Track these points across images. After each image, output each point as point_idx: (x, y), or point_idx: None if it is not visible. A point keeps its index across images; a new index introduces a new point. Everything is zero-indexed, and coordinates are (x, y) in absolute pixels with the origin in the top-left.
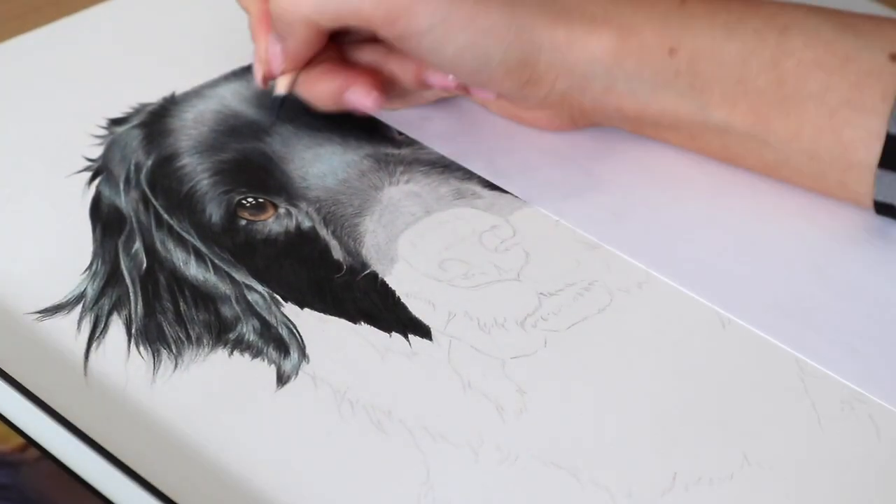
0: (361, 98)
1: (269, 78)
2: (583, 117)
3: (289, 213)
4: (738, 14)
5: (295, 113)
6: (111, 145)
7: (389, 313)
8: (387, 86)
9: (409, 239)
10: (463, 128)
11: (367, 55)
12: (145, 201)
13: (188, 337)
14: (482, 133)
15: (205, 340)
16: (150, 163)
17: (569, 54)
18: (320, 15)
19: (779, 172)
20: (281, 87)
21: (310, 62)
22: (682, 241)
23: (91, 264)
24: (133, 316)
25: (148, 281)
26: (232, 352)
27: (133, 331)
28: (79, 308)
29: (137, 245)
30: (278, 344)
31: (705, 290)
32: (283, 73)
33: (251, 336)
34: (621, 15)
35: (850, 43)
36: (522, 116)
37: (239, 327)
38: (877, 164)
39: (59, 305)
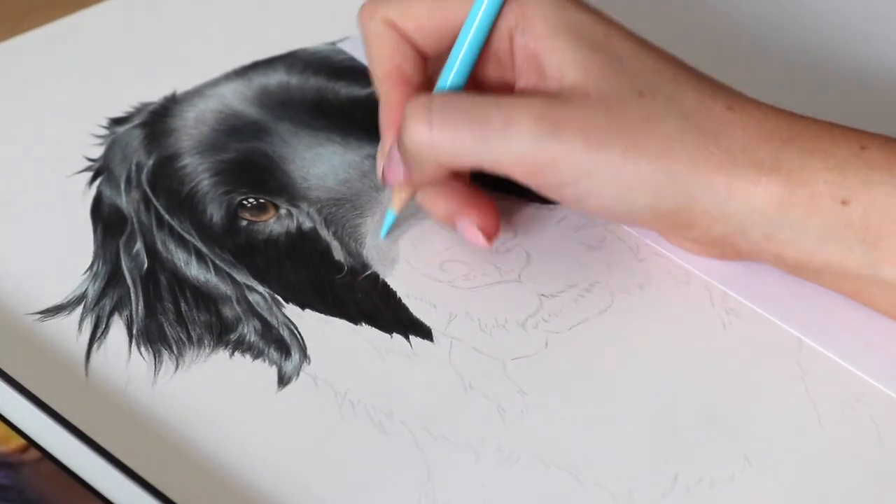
0: (472, 234)
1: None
2: (737, 255)
3: (290, 214)
4: None
5: (295, 112)
6: (112, 145)
7: (390, 314)
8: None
9: (411, 240)
10: None
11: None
12: (146, 201)
13: (189, 338)
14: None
15: (206, 341)
16: (151, 163)
17: (728, 202)
18: (457, 161)
19: None
20: (396, 205)
21: None
22: None
23: (92, 265)
24: (134, 316)
25: (149, 281)
26: (233, 353)
27: (134, 331)
28: (80, 309)
29: (138, 245)
30: (279, 345)
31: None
32: (399, 192)
33: (252, 337)
34: (793, 161)
35: None
36: (674, 241)
37: (240, 328)
38: None
39: (59, 306)
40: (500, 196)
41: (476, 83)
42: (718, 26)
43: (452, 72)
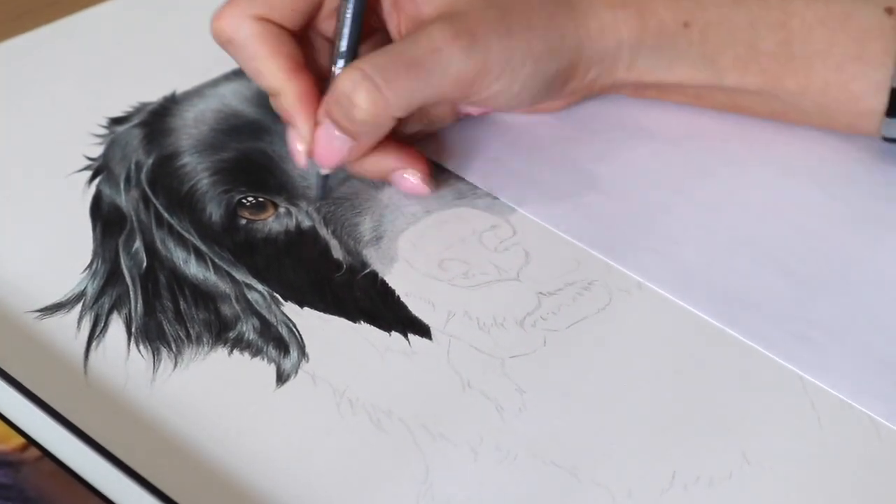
0: (414, 185)
1: (315, 160)
2: (585, 94)
3: (289, 213)
4: None
5: None
6: (112, 144)
7: (389, 312)
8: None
9: (409, 238)
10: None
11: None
12: (145, 200)
13: (188, 336)
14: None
15: (205, 339)
16: (150, 162)
17: (600, 43)
18: (407, 108)
19: (787, 117)
20: (326, 167)
21: None
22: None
23: (91, 263)
24: (133, 315)
25: (148, 280)
26: (232, 351)
27: (133, 329)
28: (79, 307)
29: (137, 244)
30: (278, 343)
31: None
32: (345, 163)
33: (251, 335)
34: None
35: (849, 0)
36: (521, 110)
37: (239, 326)
38: (884, 112)
39: (59, 304)
40: (498, 196)
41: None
42: None
43: (345, 38)
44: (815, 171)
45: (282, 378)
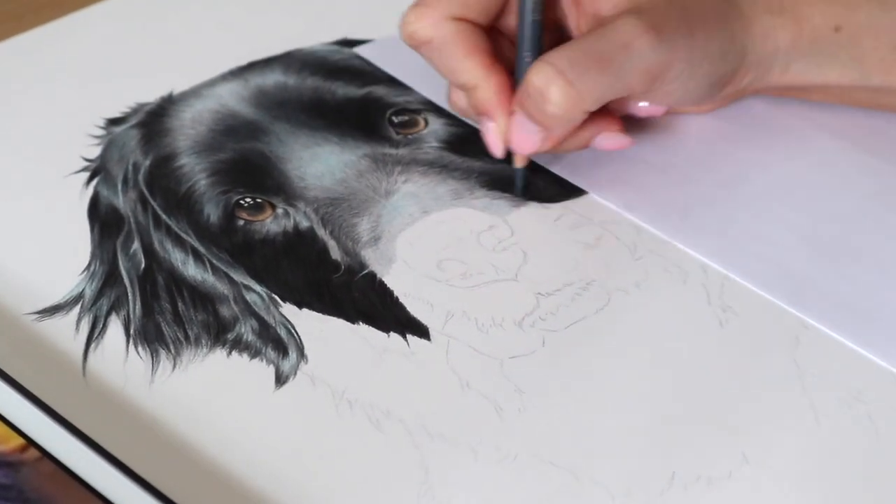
0: (616, 141)
1: (511, 150)
2: (740, 97)
3: (287, 214)
4: None
5: (292, 112)
6: (109, 145)
7: (387, 313)
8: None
9: (407, 239)
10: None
11: None
12: (143, 201)
13: (186, 337)
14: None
15: (203, 341)
16: (148, 163)
17: (762, 48)
18: (597, 105)
19: None
20: (521, 161)
21: None
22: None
23: (89, 265)
24: (131, 316)
25: (146, 281)
26: (230, 352)
27: (131, 331)
28: (77, 308)
29: (136, 245)
30: (276, 344)
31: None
32: (538, 152)
33: (249, 336)
34: (794, 3)
35: None
36: (672, 110)
37: (237, 327)
38: None
39: (57, 306)
40: (497, 195)
41: None
42: None
43: (527, 32)
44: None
45: (280, 379)
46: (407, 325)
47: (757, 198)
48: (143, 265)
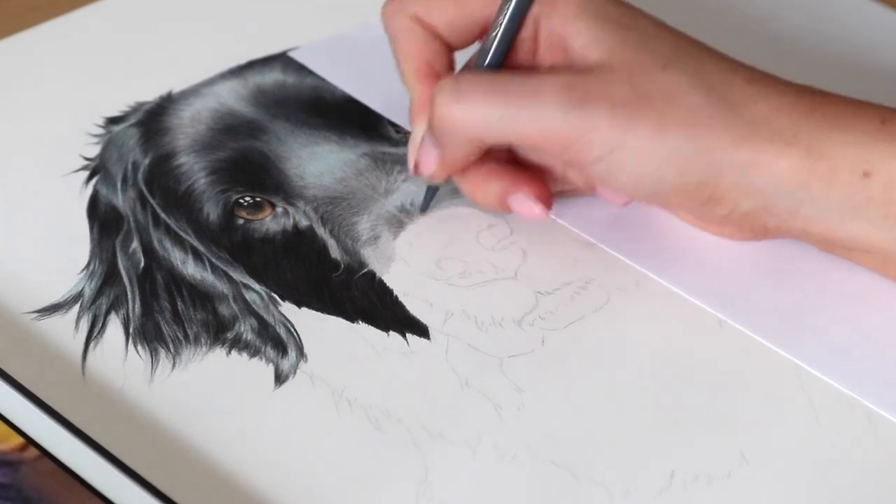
0: (527, 207)
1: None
2: (766, 233)
3: (286, 212)
4: None
5: (291, 111)
6: (108, 144)
7: (387, 312)
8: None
9: (407, 238)
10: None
11: (537, 156)
12: (143, 200)
13: (186, 336)
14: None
15: (202, 339)
16: (147, 161)
17: (753, 176)
18: (486, 135)
19: None
20: (433, 181)
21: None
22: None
23: (88, 263)
24: (131, 315)
25: (145, 280)
26: (230, 351)
27: (131, 330)
28: (76, 307)
29: (135, 244)
30: (276, 343)
31: (698, 292)
32: (435, 178)
33: (249, 335)
34: (812, 133)
35: None
36: (702, 226)
37: (237, 326)
38: None
39: (56, 305)
40: None
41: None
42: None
43: (487, 60)
44: None
45: (280, 378)
46: (406, 323)
47: None
48: (142, 264)
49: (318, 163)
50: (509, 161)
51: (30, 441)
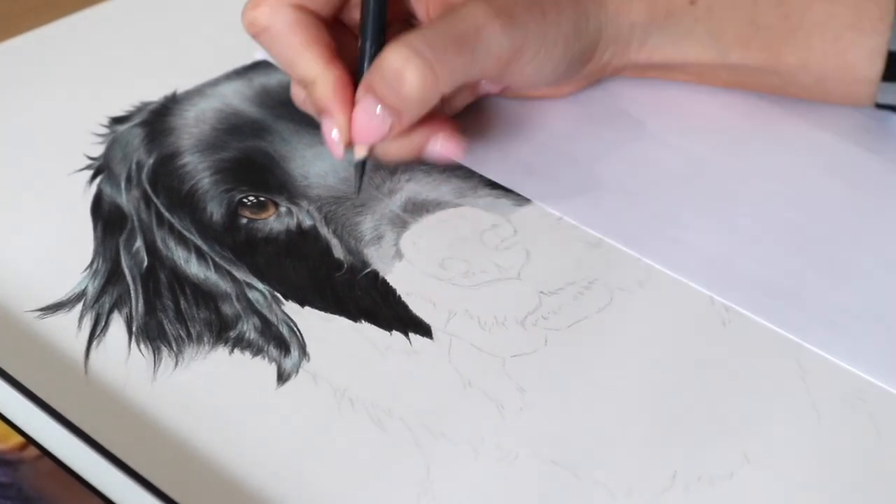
0: (447, 148)
1: (350, 146)
2: (599, 77)
3: (290, 212)
4: None
5: (296, 111)
6: (112, 144)
7: (390, 311)
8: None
9: (410, 237)
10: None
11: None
12: (146, 200)
13: (189, 335)
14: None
15: (205, 338)
16: (151, 161)
17: (616, 24)
18: (453, 87)
19: (786, 91)
20: (361, 151)
21: None
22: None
23: (92, 262)
24: (134, 314)
25: (149, 279)
26: (232, 350)
27: (134, 329)
28: (79, 306)
29: (138, 243)
30: (279, 342)
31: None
32: (388, 142)
33: (252, 334)
34: None
35: None
36: (534, 94)
37: (239, 325)
38: (880, 78)
39: (59, 303)
40: (500, 194)
41: None
42: None
43: (370, 19)
44: (819, 149)
45: (282, 377)
46: (409, 323)
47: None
48: (145, 263)
49: (322, 163)
50: None
51: (30, 440)
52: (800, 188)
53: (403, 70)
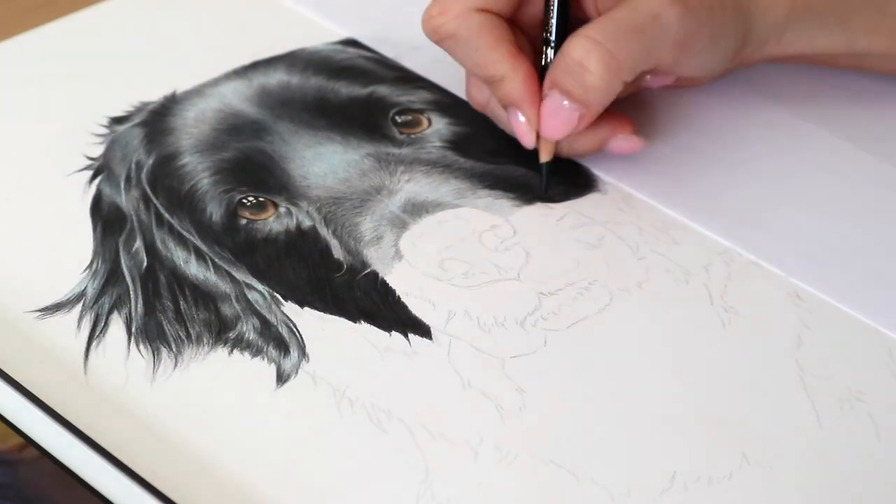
0: (628, 144)
1: (544, 135)
2: (733, 69)
3: (289, 213)
4: None
5: (295, 111)
6: (112, 144)
7: (389, 312)
8: None
9: (410, 238)
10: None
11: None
12: (146, 200)
13: (188, 335)
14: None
15: (205, 339)
16: (150, 161)
17: (765, 19)
18: (633, 74)
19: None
20: (546, 154)
21: None
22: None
23: (91, 263)
24: (133, 314)
25: (148, 280)
26: (232, 350)
27: (133, 329)
28: (79, 306)
29: (138, 244)
30: (278, 343)
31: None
32: (579, 131)
33: (251, 335)
34: None
35: None
36: (693, 82)
37: (239, 326)
38: None
39: (59, 304)
40: (499, 195)
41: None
42: None
43: (555, 16)
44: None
45: (282, 378)
46: (409, 324)
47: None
48: (145, 264)
49: (322, 163)
50: None
51: (29, 441)
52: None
53: (586, 61)
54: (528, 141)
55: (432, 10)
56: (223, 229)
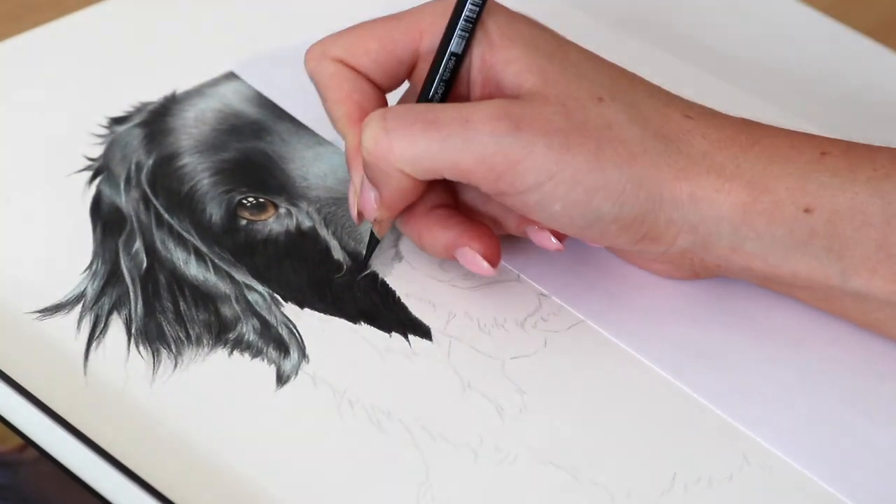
0: (475, 263)
1: (363, 218)
2: (705, 271)
3: (289, 213)
4: (884, 170)
5: (295, 112)
6: (112, 144)
7: (389, 313)
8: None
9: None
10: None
11: (469, 193)
12: (146, 201)
13: (188, 336)
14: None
15: (205, 340)
16: (150, 162)
17: (692, 212)
18: (413, 168)
19: None
20: (379, 230)
21: (417, 205)
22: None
23: (91, 264)
24: (133, 315)
25: (148, 280)
26: (232, 351)
27: (133, 330)
28: (79, 307)
29: (138, 244)
30: (278, 344)
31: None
32: (378, 220)
33: (251, 336)
34: (753, 167)
35: None
36: (640, 264)
37: (239, 327)
38: None
39: (58, 305)
40: None
41: None
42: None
43: (431, 93)
44: None
45: (282, 379)
46: (409, 325)
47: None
48: (144, 264)
49: (322, 164)
50: (455, 212)
51: (29, 442)
52: None
53: (364, 130)
54: (350, 211)
55: (310, 46)
56: (223, 230)
